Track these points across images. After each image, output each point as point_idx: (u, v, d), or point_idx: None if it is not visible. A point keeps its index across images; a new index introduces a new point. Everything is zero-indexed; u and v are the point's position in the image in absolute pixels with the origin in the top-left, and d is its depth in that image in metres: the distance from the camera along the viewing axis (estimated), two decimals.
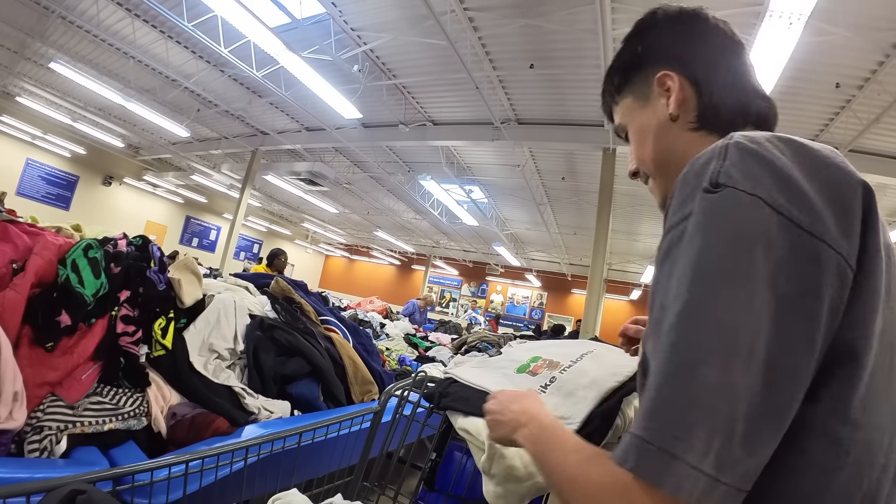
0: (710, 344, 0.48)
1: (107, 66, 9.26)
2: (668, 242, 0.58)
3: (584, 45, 6.11)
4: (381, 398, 1.51)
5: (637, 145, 0.88)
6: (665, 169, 0.84)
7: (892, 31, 4.95)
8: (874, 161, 7.18)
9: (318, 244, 26.43)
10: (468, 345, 4.82)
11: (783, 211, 0.51)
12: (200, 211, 20.03)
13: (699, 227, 0.53)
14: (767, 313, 0.48)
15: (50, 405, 1.33)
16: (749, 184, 0.53)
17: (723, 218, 0.52)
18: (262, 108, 10.20)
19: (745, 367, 0.47)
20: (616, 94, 0.91)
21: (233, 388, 1.76)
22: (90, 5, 7.15)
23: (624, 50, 0.90)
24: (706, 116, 0.79)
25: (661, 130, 0.82)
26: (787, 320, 0.49)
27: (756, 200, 0.51)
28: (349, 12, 6.45)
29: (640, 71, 0.86)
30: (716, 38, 0.83)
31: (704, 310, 0.49)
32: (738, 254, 0.50)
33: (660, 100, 0.82)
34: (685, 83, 0.80)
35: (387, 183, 14.05)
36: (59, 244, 1.57)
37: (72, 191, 15.07)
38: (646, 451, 0.47)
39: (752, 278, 0.49)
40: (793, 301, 0.49)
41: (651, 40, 0.86)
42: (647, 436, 0.48)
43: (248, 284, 2.44)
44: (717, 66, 0.81)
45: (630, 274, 19.63)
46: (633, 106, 0.88)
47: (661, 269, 0.58)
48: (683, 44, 0.83)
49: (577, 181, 11.03)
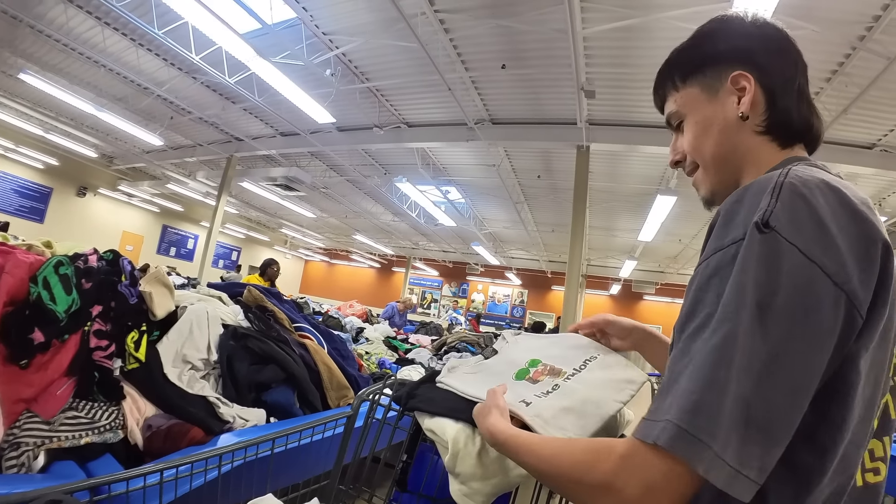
0: (746, 365, 0.56)
1: (78, 76, 9.17)
2: (717, 260, 0.65)
3: (554, 44, 6.20)
4: (354, 403, 1.54)
5: (696, 136, 0.90)
6: (723, 165, 0.88)
7: (857, 24, 5.12)
8: (844, 151, 7.42)
9: (297, 249, 26.32)
10: (448, 345, 4.83)
11: (815, 260, 0.59)
12: (177, 220, 19.84)
13: (747, 264, 0.60)
14: (792, 344, 0.57)
15: (26, 421, 1.34)
16: (791, 231, 0.60)
17: (766, 261, 0.59)
18: (236, 114, 10.16)
19: (772, 386, 0.56)
20: (681, 81, 0.92)
21: (208, 398, 1.78)
22: (59, 14, 7.10)
23: (701, 42, 0.92)
24: (774, 124, 0.84)
25: (727, 127, 0.86)
26: (807, 352, 0.58)
27: (793, 249, 0.59)
28: (320, 17, 6.47)
29: (716, 66, 0.87)
30: (793, 55, 0.87)
31: (743, 337, 0.57)
32: (774, 294, 0.58)
33: (730, 97, 0.86)
34: (758, 88, 0.84)
35: (364, 186, 14.05)
36: (30, 262, 1.58)
37: (46, 203, 14.85)
38: (682, 436, 0.56)
39: (784, 314, 0.58)
40: (812, 336, 0.58)
41: (735, 42, 0.87)
42: (685, 425, 0.56)
43: (221, 294, 2.46)
44: (791, 81, 0.85)
45: (609, 269, 19.80)
46: (699, 97, 0.90)
47: (709, 283, 0.65)
48: (765, 54, 0.85)
49: (553, 179, 11.14)
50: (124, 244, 17.28)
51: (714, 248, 0.67)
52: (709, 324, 0.61)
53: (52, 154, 13.72)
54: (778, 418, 0.56)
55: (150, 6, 6.28)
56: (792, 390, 0.57)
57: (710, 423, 0.55)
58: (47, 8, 7.01)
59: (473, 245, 17.00)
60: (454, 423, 1.07)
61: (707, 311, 0.63)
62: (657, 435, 0.58)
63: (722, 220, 0.69)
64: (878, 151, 7.44)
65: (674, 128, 0.96)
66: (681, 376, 0.61)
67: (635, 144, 7.98)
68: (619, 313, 1.21)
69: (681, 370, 0.61)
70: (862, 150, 7.49)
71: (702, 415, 0.56)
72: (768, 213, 0.61)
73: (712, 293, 0.64)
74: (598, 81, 6.68)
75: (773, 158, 0.84)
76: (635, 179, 10.47)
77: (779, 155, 0.84)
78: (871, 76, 5.47)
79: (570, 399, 0.99)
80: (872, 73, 5.44)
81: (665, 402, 0.60)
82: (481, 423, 0.89)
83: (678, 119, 0.94)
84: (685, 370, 0.60)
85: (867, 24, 5.10)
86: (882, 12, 4.91)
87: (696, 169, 0.93)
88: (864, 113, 6.59)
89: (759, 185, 0.67)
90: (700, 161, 0.91)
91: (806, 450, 0.62)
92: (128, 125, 9.48)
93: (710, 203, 0.94)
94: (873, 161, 7.41)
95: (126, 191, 16.52)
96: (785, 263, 0.59)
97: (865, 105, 6.24)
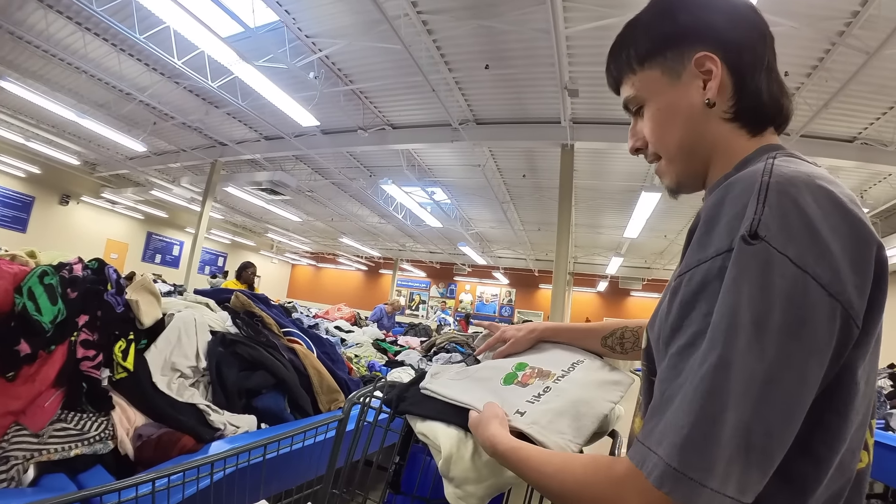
0: (743, 390, 0.53)
1: (59, 82, 9.07)
2: (702, 274, 0.62)
3: (537, 44, 6.24)
4: (345, 406, 1.54)
5: (658, 125, 0.83)
6: (689, 156, 0.82)
7: (836, 19, 5.19)
8: (825, 145, 7.55)
9: (283, 254, 26.20)
10: (437, 346, 4.84)
11: (808, 270, 0.55)
12: (162, 226, 19.68)
13: (738, 281, 0.57)
14: (789, 362, 0.54)
15: (14, 435, 1.33)
16: (781, 240, 0.56)
17: (758, 276, 0.56)
18: (220, 118, 10.10)
19: (770, 408, 0.54)
20: (637, 63, 0.84)
21: (198, 406, 1.77)
22: (39, 20, 7.01)
23: (659, 18, 0.83)
24: (743, 108, 0.78)
25: (692, 115, 0.79)
26: (804, 368, 0.55)
27: (785, 260, 0.56)
28: (303, 19, 6.45)
29: (678, 46, 0.80)
30: (760, 28, 0.79)
31: (739, 361, 0.54)
32: (769, 311, 0.55)
33: (694, 81, 0.79)
34: (725, 70, 0.77)
35: (349, 188, 14.01)
36: (14, 272, 1.57)
37: (28, 212, 14.67)
38: (673, 476, 0.54)
39: (779, 332, 0.55)
40: (809, 352, 0.55)
41: (697, 15, 0.80)
42: (677, 465, 0.54)
43: (208, 301, 2.44)
44: (760, 58, 0.78)
45: (596, 266, 19.90)
46: (660, 81, 0.82)
47: (696, 299, 0.62)
48: (731, 28, 0.78)
49: (538, 178, 11.19)
50: (109, 252, 17.11)
51: (697, 259, 0.63)
52: (698, 343, 0.59)
53: (34, 162, 13.55)
54: (776, 439, 0.54)
55: (131, 10, 6.22)
56: (790, 409, 0.55)
57: (704, 459, 0.53)
58: (27, 14, 6.92)
59: (460, 245, 17.04)
60: (446, 427, 1.07)
61: (694, 330, 0.60)
62: (649, 471, 0.56)
63: (703, 226, 0.65)
64: (858, 144, 7.56)
65: (632, 112, 0.89)
66: (673, 399, 0.58)
67: (619, 142, 8.01)
68: (606, 310, 1.24)
69: (674, 392, 0.59)
70: (843, 144, 7.61)
71: (695, 452, 0.53)
72: (756, 221, 0.58)
73: (700, 310, 0.61)
74: (581, 80, 6.71)
75: (743, 147, 0.78)
76: (620, 176, 10.52)
77: (749, 142, 0.78)
78: (851, 71, 5.54)
79: (563, 399, 0.99)
80: (852, 67, 5.51)
81: (658, 426, 0.58)
82: (481, 433, 0.86)
83: (637, 104, 0.86)
84: (677, 394, 0.58)
85: (846, 20, 5.18)
86: (860, 8, 4.98)
87: (660, 158, 0.86)
88: (845, 107, 6.68)
89: (740, 186, 0.63)
90: (664, 152, 0.85)
91: (802, 460, 0.60)
92: (110, 131, 9.38)
93: (676, 192, 0.89)
94: (854, 154, 7.53)
95: (109, 198, 16.36)
96: (777, 277, 0.55)
97: (846, 99, 6.32)
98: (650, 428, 0.59)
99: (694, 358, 0.58)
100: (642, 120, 0.87)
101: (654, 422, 0.59)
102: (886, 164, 7.50)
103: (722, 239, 0.61)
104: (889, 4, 4.74)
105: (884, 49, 5.09)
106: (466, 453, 1.02)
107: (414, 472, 1.41)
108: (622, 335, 1.16)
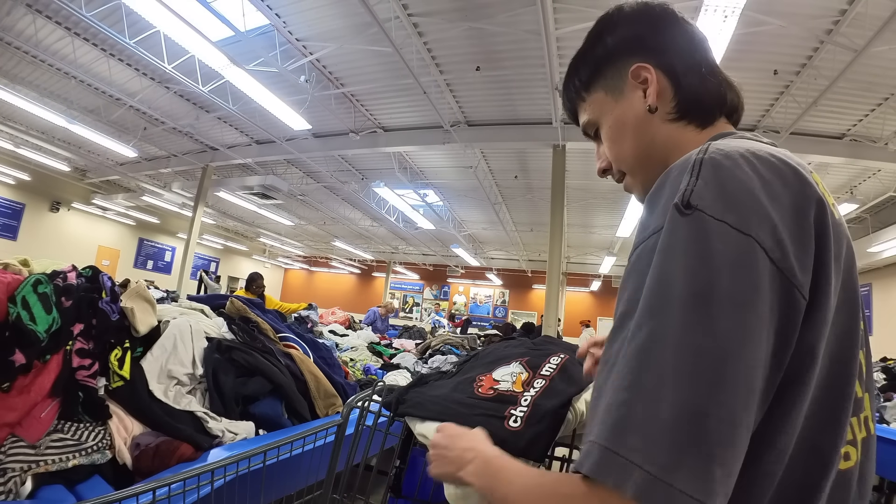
0: (690, 369, 0.49)
1: (48, 88, 9.02)
2: (636, 255, 0.60)
3: (527, 45, 6.25)
4: (344, 410, 1.54)
5: (613, 141, 0.86)
6: (647, 163, 0.83)
7: (824, 18, 5.25)
8: (814, 142, 7.63)
9: (276, 258, 26.13)
10: (432, 349, 4.85)
11: (752, 234, 0.52)
12: (153, 232, 19.56)
13: (672, 252, 0.54)
14: (744, 334, 0.50)
15: (11, 446, 1.31)
16: (718, 208, 0.54)
17: (694, 245, 0.53)
18: (211, 123, 10.07)
19: (729, 389, 0.48)
20: (584, 90, 0.88)
21: (195, 413, 1.76)
22: (28, 25, 6.97)
23: (592, 45, 0.87)
24: (685, 106, 0.79)
25: (639, 123, 0.81)
26: (759, 341, 0.50)
27: (724, 226, 0.53)
28: (294, 23, 6.44)
29: (613, 64, 0.83)
30: (684, 30, 0.82)
31: (680, 335, 0.50)
32: (713, 280, 0.51)
33: (635, 92, 0.81)
34: (661, 74, 0.79)
35: (341, 192, 14.00)
36: (8, 281, 1.55)
37: (18, 219, 14.54)
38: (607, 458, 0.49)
39: (729, 302, 0.50)
40: (753, 326, 0.50)
41: (622, 33, 0.83)
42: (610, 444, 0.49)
43: (203, 307, 2.43)
44: (691, 57, 0.81)
45: (589, 266, 19.95)
46: (605, 100, 0.85)
47: (626, 280, 0.60)
48: (655, 35, 0.81)
49: (530, 179, 11.22)
50: (100, 259, 16.99)
51: (636, 243, 0.62)
52: (626, 324, 0.56)
53: (24, 169, 13.44)
54: (738, 427, 0.48)
55: (120, 15, 6.20)
56: (749, 390, 0.49)
57: (641, 438, 0.48)
58: (15, 19, 6.88)
59: (453, 247, 17.03)
60: None
61: (622, 310, 0.58)
62: (581, 461, 0.51)
63: (644, 212, 0.65)
64: (847, 141, 7.64)
65: (592, 137, 0.92)
66: (602, 389, 0.55)
67: None
68: (600, 309, 1.24)
69: (601, 382, 0.56)
70: (832, 141, 7.69)
71: (631, 431, 0.49)
72: (688, 192, 0.56)
73: (628, 290, 0.59)
74: None
75: (695, 141, 0.76)
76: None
77: (700, 135, 0.79)
78: (839, 68, 5.59)
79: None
80: (840, 65, 5.56)
81: (590, 423, 0.54)
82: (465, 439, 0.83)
83: (593, 127, 0.89)
84: (606, 381, 0.55)
85: (834, 18, 5.24)
86: (847, 6, 5.05)
87: (624, 176, 0.88)
88: (833, 104, 6.75)
89: (678, 167, 0.62)
90: (624, 166, 0.86)
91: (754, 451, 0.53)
92: (100, 137, 9.33)
93: None
94: (843, 150, 7.61)
95: (100, 204, 16.24)
96: (717, 243, 0.52)
97: (834, 96, 6.38)
98: (587, 429, 0.55)
99: (620, 340, 0.56)
100: (602, 142, 0.89)
101: (588, 422, 0.56)
102: (875, 160, 7.59)
103: (659, 217, 0.59)
104: (876, 2, 4.78)
105: (871, 46, 5.14)
106: None
107: (415, 475, 1.40)
108: None
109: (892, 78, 6.19)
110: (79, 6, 5.78)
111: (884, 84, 6.34)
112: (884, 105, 6.78)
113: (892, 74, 6.10)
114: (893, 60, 5.73)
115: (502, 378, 1.22)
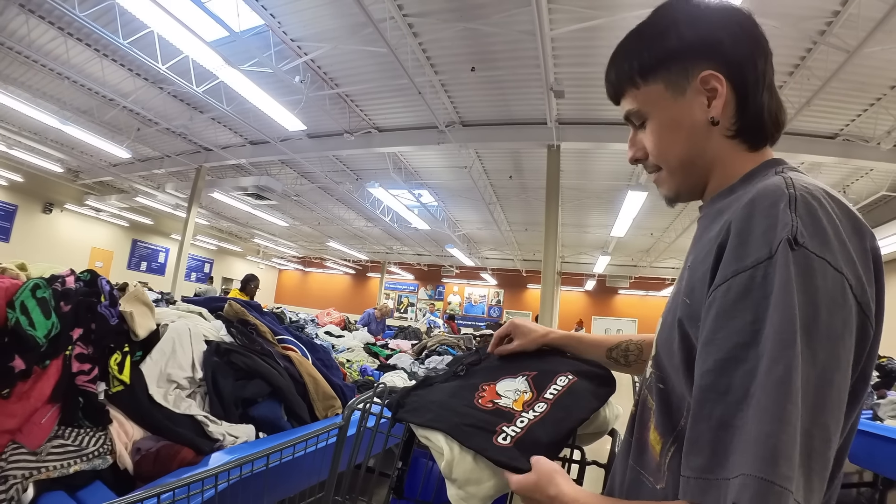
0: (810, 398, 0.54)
1: (41, 88, 8.98)
2: (742, 283, 0.60)
3: (522, 45, 6.27)
4: (345, 412, 1.53)
5: (661, 138, 0.84)
6: (691, 169, 0.83)
7: (817, 19, 5.29)
8: (808, 142, 7.69)
9: (270, 259, 26.08)
10: (428, 349, 4.85)
11: (844, 273, 0.58)
12: (147, 233, 19.50)
13: (788, 286, 0.56)
14: (837, 363, 0.56)
15: (12, 453, 1.30)
16: (817, 245, 0.58)
17: (802, 280, 0.56)
18: (204, 123, 10.04)
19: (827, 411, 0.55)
20: (640, 77, 0.83)
21: (195, 417, 1.75)
22: (20, 25, 6.93)
23: (664, 33, 0.82)
24: (746, 128, 0.78)
25: (696, 131, 0.80)
26: (847, 370, 0.57)
27: (824, 263, 0.57)
28: (288, 23, 6.43)
29: (682, 62, 0.79)
30: (760, 45, 0.79)
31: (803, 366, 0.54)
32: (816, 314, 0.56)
33: (698, 97, 0.78)
34: (730, 89, 0.77)
35: (335, 192, 13.98)
36: (6, 286, 1.54)
37: (11, 221, 14.48)
38: (769, 490, 0.51)
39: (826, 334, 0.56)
40: (849, 353, 0.57)
41: (702, 32, 0.79)
42: (771, 476, 0.51)
43: (201, 310, 2.42)
44: (763, 75, 0.78)
45: (583, 265, 20.00)
46: (663, 95, 0.81)
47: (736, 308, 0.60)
48: (734, 46, 0.77)
49: (524, 179, 11.24)
50: (94, 260, 16.92)
51: (734, 270, 0.62)
52: (746, 356, 0.57)
53: (16, 170, 13.38)
54: (832, 443, 0.55)
55: (114, 15, 6.16)
56: (839, 412, 0.55)
57: (790, 467, 0.51)
58: (7, 20, 6.84)
59: (447, 247, 17.03)
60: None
61: (738, 341, 0.59)
62: (737, 495, 0.52)
63: (736, 238, 0.64)
64: (840, 141, 7.69)
65: (634, 124, 0.89)
66: (734, 419, 0.56)
67: (605, 142, 8.12)
68: (594, 308, 1.25)
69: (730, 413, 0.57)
70: (825, 140, 7.74)
71: (783, 459, 0.51)
72: (795, 228, 0.58)
73: (741, 320, 0.59)
74: (566, 81, 6.75)
75: (743, 161, 0.79)
76: (605, 176, 10.59)
77: (749, 158, 0.79)
78: (832, 69, 5.62)
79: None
80: (833, 65, 5.59)
81: (729, 447, 0.56)
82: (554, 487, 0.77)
83: (640, 119, 0.86)
84: (741, 412, 0.56)
85: (826, 19, 5.27)
86: (840, 7, 5.08)
87: (660, 169, 0.87)
88: (826, 104, 6.80)
89: (766, 198, 0.64)
90: (665, 165, 0.85)
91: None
92: (93, 138, 9.27)
93: (673, 201, 0.90)
94: (836, 150, 7.66)
95: (94, 205, 16.19)
96: (819, 280, 0.56)
97: (827, 97, 6.43)
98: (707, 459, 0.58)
99: (749, 371, 0.57)
100: (643, 131, 0.87)
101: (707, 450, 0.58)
102: (868, 160, 7.65)
103: (760, 248, 0.60)
104: (868, 4, 4.82)
105: (864, 47, 5.18)
106: (469, 454, 1.03)
107: (417, 476, 1.41)
108: (626, 348, 1.17)
109: (884, 78, 6.25)
110: (72, 6, 5.74)
111: (876, 84, 6.39)
112: (876, 105, 6.83)
113: (885, 75, 6.16)
114: (886, 61, 5.77)
115: (505, 394, 1.21)
